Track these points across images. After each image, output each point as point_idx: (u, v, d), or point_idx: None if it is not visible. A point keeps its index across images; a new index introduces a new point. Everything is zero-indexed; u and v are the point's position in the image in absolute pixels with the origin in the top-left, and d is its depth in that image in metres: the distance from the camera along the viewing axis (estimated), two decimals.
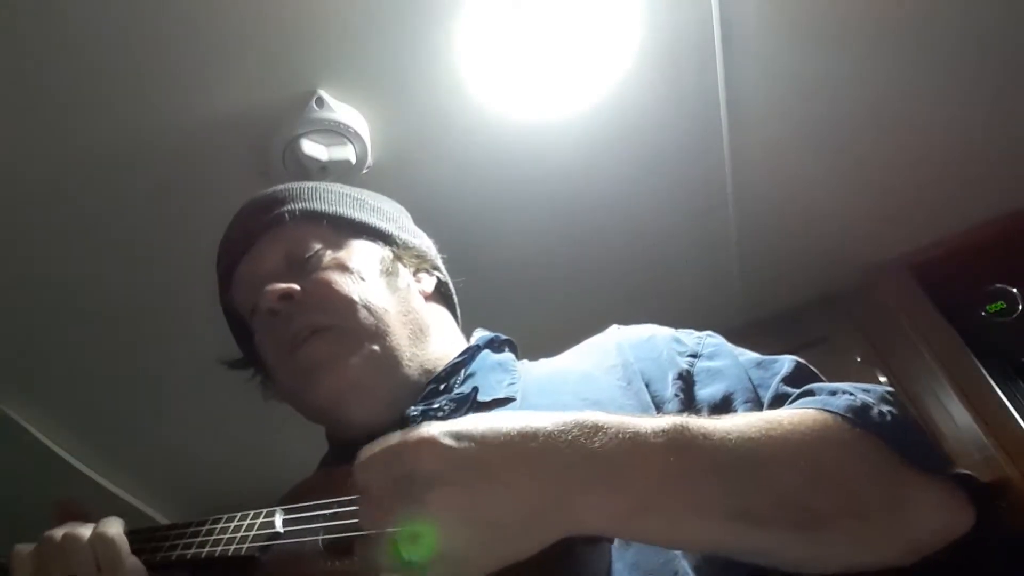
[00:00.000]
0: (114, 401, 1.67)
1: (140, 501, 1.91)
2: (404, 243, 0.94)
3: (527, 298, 1.67)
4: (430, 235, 1.02)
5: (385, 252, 0.91)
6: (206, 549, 0.72)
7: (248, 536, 0.70)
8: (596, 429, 0.54)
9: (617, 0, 1.24)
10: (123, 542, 0.72)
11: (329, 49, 1.23)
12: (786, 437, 0.60)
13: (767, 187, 1.58)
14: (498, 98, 1.33)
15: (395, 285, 0.88)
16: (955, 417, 1.51)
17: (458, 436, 0.53)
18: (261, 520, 0.71)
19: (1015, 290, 1.59)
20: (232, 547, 0.70)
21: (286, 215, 0.88)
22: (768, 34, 1.33)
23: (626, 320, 0.90)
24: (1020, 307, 1.58)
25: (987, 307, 1.60)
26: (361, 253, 0.89)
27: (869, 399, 0.66)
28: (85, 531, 0.73)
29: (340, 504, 0.65)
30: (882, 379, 1.65)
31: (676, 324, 0.86)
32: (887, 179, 1.61)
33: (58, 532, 0.73)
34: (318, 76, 1.26)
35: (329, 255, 0.87)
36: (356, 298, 0.83)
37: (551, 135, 1.41)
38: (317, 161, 1.29)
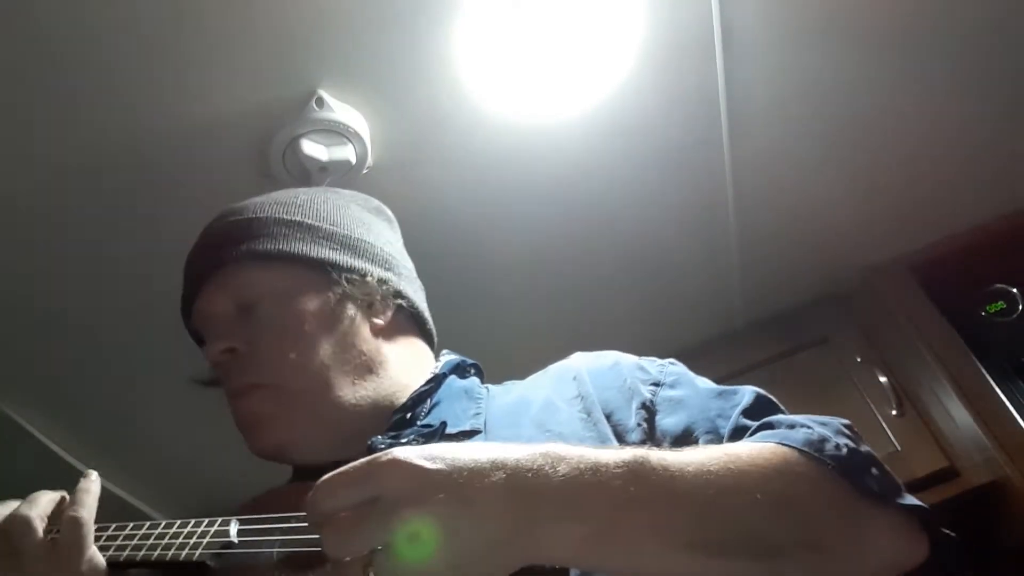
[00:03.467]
0: (113, 401, 1.67)
1: (140, 501, 1.91)
2: (360, 273, 0.90)
3: (526, 299, 1.67)
4: (430, 235, 1.01)
5: (333, 292, 0.88)
6: (156, 552, 0.71)
7: (201, 543, 0.69)
8: (559, 460, 0.56)
9: (617, 0, 1.24)
10: (90, 529, 0.72)
11: (329, 49, 1.23)
12: (744, 470, 0.61)
13: (767, 187, 1.58)
14: (498, 99, 1.33)
15: (340, 330, 0.87)
16: (955, 417, 1.51)
17: (430, 457, 0.53)
18: (216, 528, 0.70)
19: (1015, 290, 1.60)
20: (184, 552, 0.69)
21: (233, 256, 0.88)
22: (768, 34, 1.33)
23: (625, 321, 0.90)
24: (1020, 307, 1.58)
25: (987, 307, 1.60)
26: (305, 300, 0.87)
27: (826, 432, 0.67)
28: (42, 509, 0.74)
29: (297, 519, 0.65)
30: (882, 379, 1.65)
31: (677, 325, 0.86)
32: (887, 179, 1.61)
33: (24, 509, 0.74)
34: (318, 76, 1.26)
35: (271, 305, 0.86)
36: (295, 357, 0.83)
37: (551, 136, 1.41)
38: (317, 161, 1.29)
